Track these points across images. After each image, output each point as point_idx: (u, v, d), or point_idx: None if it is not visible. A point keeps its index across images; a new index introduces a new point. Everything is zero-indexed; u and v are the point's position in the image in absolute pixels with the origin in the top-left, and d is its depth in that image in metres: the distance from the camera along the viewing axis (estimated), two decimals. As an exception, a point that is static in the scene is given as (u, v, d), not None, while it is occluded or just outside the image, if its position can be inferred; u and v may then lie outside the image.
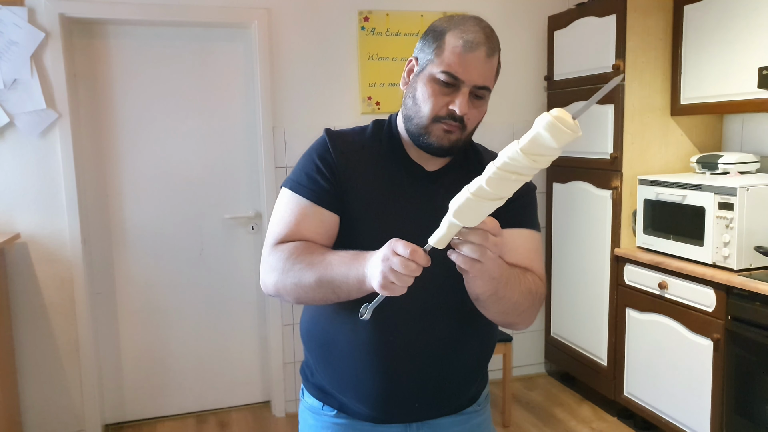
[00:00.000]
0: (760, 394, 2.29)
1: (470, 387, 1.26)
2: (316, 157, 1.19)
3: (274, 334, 3.25)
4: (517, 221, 1.08)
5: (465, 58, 1.09)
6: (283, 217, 1.17)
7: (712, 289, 2.46)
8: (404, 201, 1.13)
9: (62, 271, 2.92)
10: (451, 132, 1.13)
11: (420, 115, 1.14)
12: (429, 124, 1.13)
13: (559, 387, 3.57)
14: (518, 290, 1.10)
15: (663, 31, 2.89)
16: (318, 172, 1.17)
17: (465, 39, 1.10)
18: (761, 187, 2.42)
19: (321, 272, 1.07)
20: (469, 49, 1.09)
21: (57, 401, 2.98)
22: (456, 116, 1.11)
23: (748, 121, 2.92)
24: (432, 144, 1.14)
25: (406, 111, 1.18)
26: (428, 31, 1.17)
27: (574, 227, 3.31)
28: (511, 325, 1.17)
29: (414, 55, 1.19)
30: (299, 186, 1.18)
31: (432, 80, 1.12)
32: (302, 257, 1.10)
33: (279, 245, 1.15)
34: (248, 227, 3.28)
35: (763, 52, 2.44)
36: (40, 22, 2.78)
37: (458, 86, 1.10)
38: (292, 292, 1.12)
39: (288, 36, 3.14)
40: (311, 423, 1.29)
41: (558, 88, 3.38)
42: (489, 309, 1.11)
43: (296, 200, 1.17)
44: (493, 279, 1.02)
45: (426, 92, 1.12)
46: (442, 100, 1.11)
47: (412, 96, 1.16)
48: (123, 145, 3.07)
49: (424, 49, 1.16)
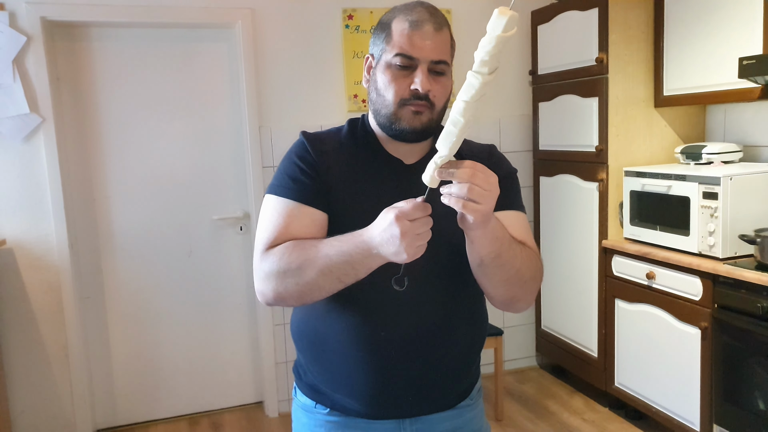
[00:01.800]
0: (747, 380, 2.32)
1: (463, 380, 1.27)
2: (296, 158, 1.19)
3: (265, 335, 3.25)
4: (503, 204, 1.08)
5: (414, 36, 1.11)
6: (270, 221, 1.15)
7: (699, 278, 2.48)
8: (387, 196, 1.14)
9: (50, 276, 2.90)
10: (420, 112, 1.13)
11: (386, 103, 1.14)
12: (397, 110, 1.14)
13: (550, 379, 3.59)
14: (520, 256, 1.11)
15: (645, 23, 2.92)
16: (301, 172, 1.17)
17: (410, 20, 1.13)
18: (744, 176, 2.45)
19: (321, 263, 1.05)
20: (415, 27, 1.12)
21: (47, 407, 2.96)
22: (420, 95, 1.12)
23: (730, 111, 2.96)
24: (404, 129, 1.15)
25: (373, 105, 1.19)
26: (376, 25, 1.20)
27: (562, 220, 3.34)
28: (514, 299, 1.16)
29: (369, 52, 1.21)
30: (283, 189, 1.17)
31: (389, 67, 1.13)
32: (296, 254, 1.08)
33: (269, 250, 1.12)
34: (237, 228, 3.27)
35: (743, 42, 2.47)
36: (22, 26, 2.75)
37: (415, 65, 1.12)
38: (295, 293, 1.09)
39: (272, 35, 3.13)
40: (304, 422, 1.29)
41: (543, 82, 3.40)
42: (492, 277, 1.10)
43: (282, 203, 1.16)
44: (496, 239, 1.03)
45: (386, 79, 1.14)
46: (402, 82, 1.12)
47: (375, 89, 1.17)
48: (108, 148, 3.05)
49: (375, 42, 1.18)
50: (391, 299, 1.15)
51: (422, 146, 1.23)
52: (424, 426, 1.24)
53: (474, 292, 1.25)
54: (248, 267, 3.20)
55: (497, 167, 1.26)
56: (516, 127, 3.59)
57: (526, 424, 3.08)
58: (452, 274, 1.19)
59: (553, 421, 3.09)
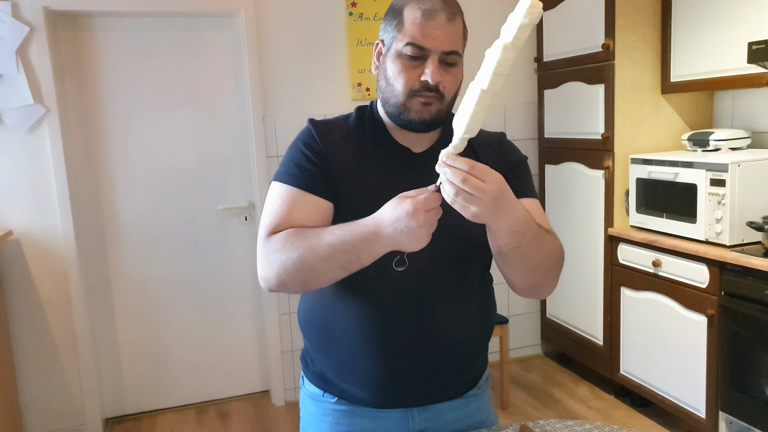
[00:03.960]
0: (754, 368, 2.32)
1: (471, 369, 1.26)
2: (303, 146, 1.18)
3: (271, 324, 3.26)
4: (517, 192, 1.07)
5: (426, 26, 1.09)
6: (273, 207, 1.15)
7: (706, 266, 2.47)
8: (395, 185, 1.13)
9: (56, 266, 2.91)
10: (429, 104, 1.12)
11: (395, 93, 1.13)
12: (406, 100, 1.12)
13: (556, 367, 3.60)
14: (545, 249, 1.09)
15: (652, 8, 2.89)
16: (307, 160, 1.16)
17: (422, 8, 1.10)
18: (752, 163, 2.43)
19: (324, 250, 1.04)
20: (428, 16, 1.09)
21: (56, 397, 2.98)
22: (430, 86, 1.10)
23: (738, 97, 2.93)
24: (413, 120, 1.13)
25: (381, 94, 1.17)
26: (388, 11, 1.17)
27: (568, 208, 3.32)
28: (536, 287, 1.15)
29: (380, 38, 1.18)
30: (288, 176, 1.16)
31: (399, 56, 1.11)
32: (299, 240, 1.07)
33: (271, 235, 1.12)
34: (242, 217, 3.27)
35: (752, 26, 2.44)
36: (25, 17, 2.74)
37: (426, 56, 1.10)
38: (297, 280, 1.08)
39: (275, 24, 3.11)
40: (312, 410, 1.29)
41: (548, 69, 3.38)
42: (513, 265, 1.09)
43: (287, 190, 1.16)
44: (515, 232, 1.01)
45: (396, 69, 1.12)
46: (413, 73, 1.10)
47: (384, 77, 1.15)
48: (113, 138, 3.05)
49: (386, 29, 1.16)
50: (399, 288, 1.15)
51: (431, 135, 1.21)
52: (431, 415, 1.24)
53: (482, 281, 1.24)
54: (253, 256, 3.20)
55: (508, 156, 1.25)
56: (521, 114, 3.57)
57: (532, 411, 3.08)
58: (460, 261, 1.19)
59: (559, 408, 3.10)
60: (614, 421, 2.94)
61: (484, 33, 3.70)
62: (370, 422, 1.23)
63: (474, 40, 1.40)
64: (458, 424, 1.27)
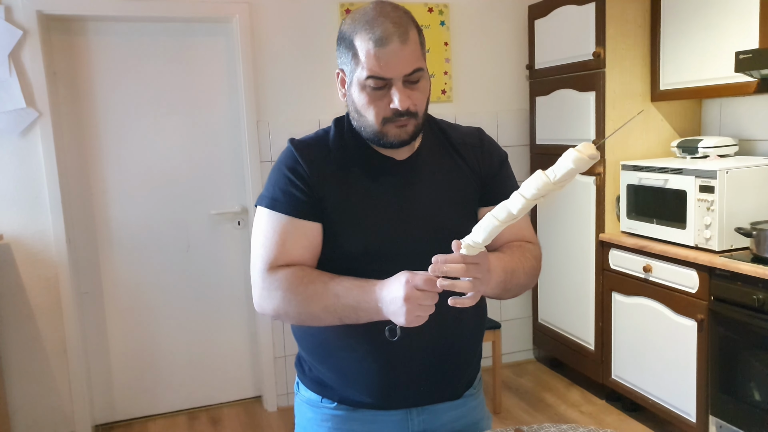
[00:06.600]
0: (743, 371, 2.35)
1: (468, 369, 1.28)
2: (287, 170, 1.18)
3: (263, 329, 3.25)
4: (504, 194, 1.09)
5: (381, 56, 1.08)
6: (267, 237, 1.16)
7: (695, 271, 2.51)
8: (383, 195, 1.14)
9: (47, 271, 2.89)
10: (404, 125, 1.13)
11: (369, 123, 1.14)
12: (380, 128, 1.13)
13: (547, 372, 3.62)
14: (523, 274, 1.19)
15: (641, 17, 2.93)
16: (292, 184, 1.16)
17: (373, 38, 1.08)
18: (740, 170, 2.47)
19: (328, 301, 1.10)
20: (381, 44, 1.07)
21: (46, 403, 2.96)
22: (401, 112, 1.11)
23: (726, 105, 2.97)
24: (393, 142, 1.15)
25: (356, 122, 1.18)
26: (338, 38, 1.16)
27: (559, 214, 3.35)
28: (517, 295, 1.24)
29: (339, 67, 1.18)
30: (275, 203, 1.17)
31: (363, 87, 1.11)
32: (304, 285, 1.12)
33: (272, 272, 1.14)
34: (235, 222, 3.27)
35: (739, 36, 2.48)
36: (18, 20, 2.73)
37: (389, 84, 1.10)
38: (294, 318, 1.16)
39: (270, 29, 3.12)
40: (310, 416, 1.29)
41: (540, 76, 3.41)
42: (500, 297, 1.19)
43: (276, 218, 1.16)
44: (499, 282, 1.11)
45: (363, 101, 1.12)
46: (381, 103, 1.11)
47: (354, 108, 1.16)
48: (106, 143, 3.04)
49: (343, 60, 1.16)
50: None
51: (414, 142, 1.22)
52: (430, 416, 1.25)
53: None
54: (246, 262, 3.20)
55: (491, 156, 1.28)
56: (513, 121, 3.60)
57: (524, 416, 3.10)
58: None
59: (551, 413, 3.11)
60: (606, 425, 2.96)
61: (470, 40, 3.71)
62: (369, 425, 1.24)
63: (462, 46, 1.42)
64: (455, 424, 1.28)
